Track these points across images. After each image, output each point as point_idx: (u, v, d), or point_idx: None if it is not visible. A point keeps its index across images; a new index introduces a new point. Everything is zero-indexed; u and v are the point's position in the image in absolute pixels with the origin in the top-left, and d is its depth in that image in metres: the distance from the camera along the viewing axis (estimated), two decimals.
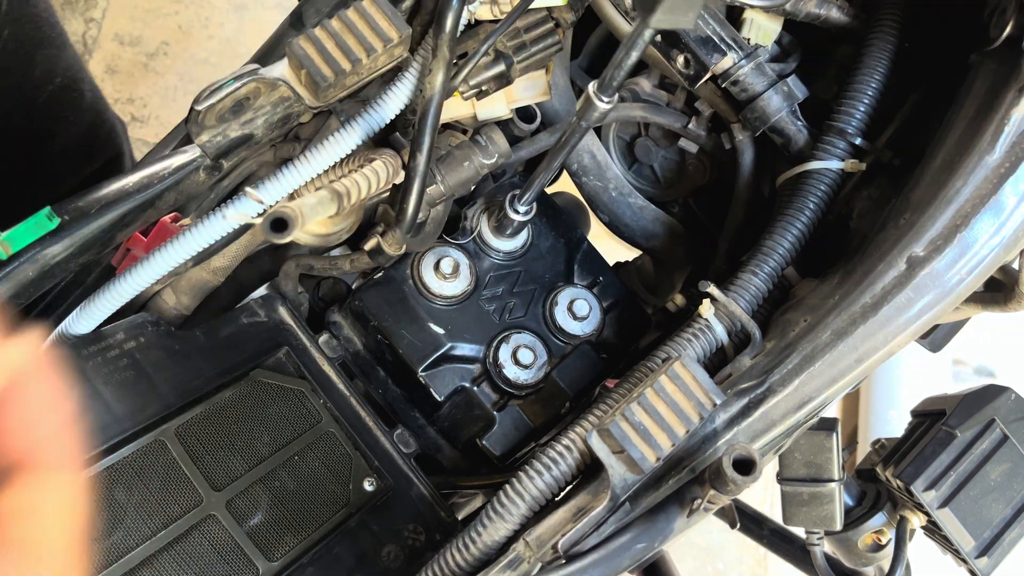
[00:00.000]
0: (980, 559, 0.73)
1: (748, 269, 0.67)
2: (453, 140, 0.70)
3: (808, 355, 0.60)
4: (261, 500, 0.59)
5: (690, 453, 0.59)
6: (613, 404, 0.60)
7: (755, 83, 0.72)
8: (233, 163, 0.63)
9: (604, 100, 0.55)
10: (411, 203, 0.62)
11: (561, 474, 0.57)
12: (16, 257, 0.54)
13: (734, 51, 0.72)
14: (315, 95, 0.59)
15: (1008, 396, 0.76)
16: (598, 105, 0.55)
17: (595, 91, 0.55)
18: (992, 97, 0.62)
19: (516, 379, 0.70)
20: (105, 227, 0.57)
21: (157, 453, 0.57)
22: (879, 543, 0.81)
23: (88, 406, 0.55)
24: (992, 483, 0.73)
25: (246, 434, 0.61)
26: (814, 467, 0.76)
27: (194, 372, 0.60)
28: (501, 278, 0.74)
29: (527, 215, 0.70)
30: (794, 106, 0.74)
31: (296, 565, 0.58)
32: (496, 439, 0.68)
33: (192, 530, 0.56)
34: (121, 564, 0.53)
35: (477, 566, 0.56)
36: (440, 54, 0.60)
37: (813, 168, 0.71)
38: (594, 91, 0.55)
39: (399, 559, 0.62)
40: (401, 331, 0.68)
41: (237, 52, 2.11)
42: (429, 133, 0.60)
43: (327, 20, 0.59)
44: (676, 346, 0.63)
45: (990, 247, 0.60)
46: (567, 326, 0.73)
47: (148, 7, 2.15)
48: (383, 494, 0.64)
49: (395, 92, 0.63)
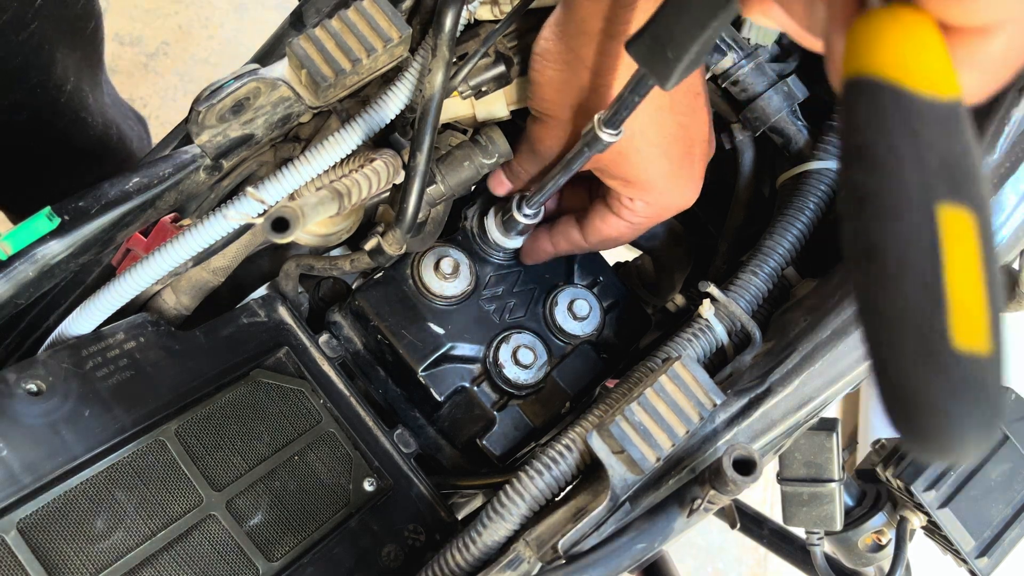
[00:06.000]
0: (980, 559, 0.73)
1: (748, 269, 0.67)
2: (453, 140, 0.70)
3: (808, 355, 0.60)
4: (261, 500, 0.59)
5: (690, 453, 0.59)
6: (613, 404, 0.60)
7: (755, 83, 0.72)
8: (233, 163, 0.63)
9: (610, 133, 0.56)
10: (411, 203, 0.62)
11: (561, 474, 0.57)
12: (16, 257, 0.54)
13: (734, 51, 0.72)
14: (315, 95, 0.59)
15: (1008, 396, 0.76)
16: (604, 139, 0.57)
17: (601, 124, 0.56)
18: (992, 97, 0.62)
19: (516, 379, 0.70)
20: (105, 227, 0.57)
21: (157, 453, 0.57)
22: (879, 543, 0.81)
23: (88, 406, 0.55)
24: (992, 483, 0.73)
25: (246, 434, 0.61)
26: (814, 467, 0.76)
27: (194, 372, 0.60)
28: (501, 278, 0.74)
29: (535, 218, 0.71)
30: (794, 106, 0.74)
31: (296, 565, 0.58)
32: (496, 439, 0.68)
33: (192, 530, 0.56)
34: (121, 564, 0.53)
35: (477, 566, 0.56)
36: (440, 54, 0.60)
37: (813, 168, 0.71)
38: (600, 124, 0.56)
39: (399, 559, 0.62)
40: (401, 331, 0.68)
41: (237, 52, 2.11)
42: (429, 133, 0.60)
43: (327, 20, 0.59)
44: (676, 346, 0.63)
45: None
46: (567, 326, 0.73)
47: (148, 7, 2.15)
48: (383, 494, 0.64)
49: (395, 92, 0.63)
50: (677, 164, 0.62)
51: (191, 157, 0.60)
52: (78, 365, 0.56)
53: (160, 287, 0.66)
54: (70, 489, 0.53)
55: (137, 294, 0.61)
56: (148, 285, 0.60)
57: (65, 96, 1.01)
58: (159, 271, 0.60)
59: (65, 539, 0.52)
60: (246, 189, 0.59)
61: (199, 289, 0.66)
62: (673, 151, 0.62)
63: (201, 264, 0.64)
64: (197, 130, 0.59)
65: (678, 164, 0.62)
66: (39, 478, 0.52)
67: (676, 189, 0.64)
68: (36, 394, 0.53)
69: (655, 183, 0.63)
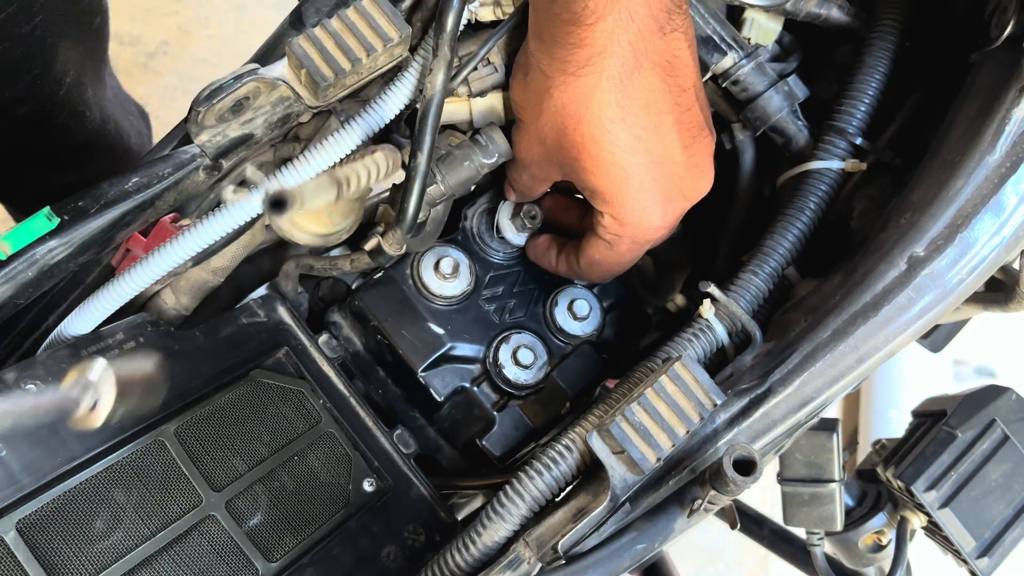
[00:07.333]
0: (981, 559, 0.73)
1: (748, 269, 0.67)
2: (453, 140, 0.70)
3: (809, 355, 0.60)
4: (261, 500, 0.59)
5: (690, 453, 0.59)
6: (613, 404, 0.60)
7: (756, 83, 0.72)
8: (233, 163, 0.63)
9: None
10: (411, 203, 0.62)
11: (561, 474, 0.57)
12: (16, 257, 0.54)
13: (734, 51, 0.71)
14: (315, 95, 0.59)
15: (1009, 396, 0.76)
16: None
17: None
18: (993, 97, 0.62)
19: (516, 379, 0.70)
20: (105, 227, 0.57)
21: (156, 453, 0.57)
22: (880, 543, 0.81)
23: None
24: (993, 483, 0.73)
25: (245, 434, 0.61)
26: (815, 467, 0.76)
27: (193, 372, 0.60)
28: (501, 278, 0.74)
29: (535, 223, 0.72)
30: (795, 106, 0.74)
31: (296, 566, 0.58)
32: (496, 439, 0.68)
33: (191, 530, 0.56)
34: (120, 564, 0.53)
35: (477, 567, 0.56)
36: (441, 54, 0.60)
37: (814, 168, 0.71)
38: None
39: (399, 560, 0.62)
40: (401, 331, 0.68)
41: (237, 52, 2.11)
42: (430, 133, 0.60)
43: (327, 20, 0.59)
44: (676, 346, 0.63)
45: (991, 247, 0.60)
46: (567, 326, 0.73)
47: (148, 7, 2.15)
48: (383, 494, 0.64)
49: (395, 92, 0.63)
50: (636, 178, 0.61)
51: (190, 157, 0.60)
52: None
53: (160, 287, 0.66)
54: (69, 489, 0.53)
55: (137, 294, 0.61)
56: (148, 285, 0.60)
57: (64, 89, 1.01)
58: (159, 271, 0.60)
59: (64, 539, 0.52)
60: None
61: (199, 289, 0.66)
62: (626, 163, 0.60)
63: (201, 264, 0.64)
64: (196, 130, 0.59)
65: (636, 178, 0.61)
66: (38, 478, 0.52)
67: (638, 205, 0.62)
68: (36, 394, 0.53)
69: (615, 195, 0.62)
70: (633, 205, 0.62)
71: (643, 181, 0.61)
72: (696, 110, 0.62)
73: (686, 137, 0.62)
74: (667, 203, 0.63)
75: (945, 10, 0.74)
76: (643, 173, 0.61)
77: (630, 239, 0.65)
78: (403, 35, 0.59)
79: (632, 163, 0.60)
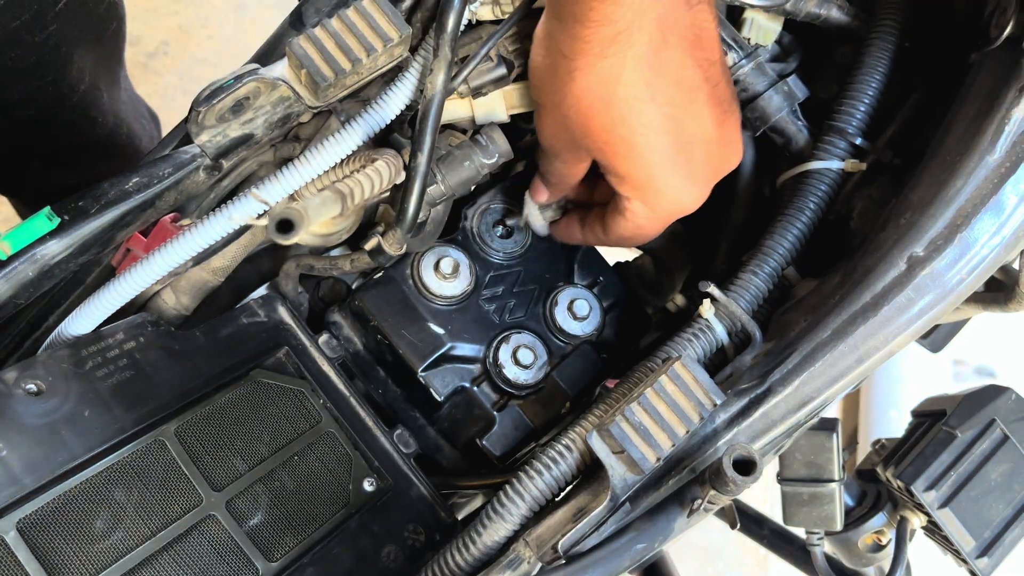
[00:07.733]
0: (980, 559, 0.73)
1: (748, 269, 0.67)
2: (453, 140, 0.70)
3: (808, 355, 0.60)
4: (261, 500, 0.59)
5: (690, 453, 0.59)
6: (613, 404, 0.60)
7: (755, 83, 0.72)
8: (233, 163, 0.63)
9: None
10: (412, 203, 0.62)
11: (561, 474, 0.57)
12: (16, 257, 0.54)
13: (734, 51, 0.72)
14: (315, 95, 0.59)
15: (1008, 396, 0.76)
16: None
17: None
18: (992, 97, 0.62)
19: (516, 379, 0.70)
20: (105, 227, 0.57)
21: (156, 453, 0.57)
22: (879, 543, 0.81)
23: (87, 406, 0.55)
24: (992, 483, 0.73)
25: (246, 434, 0.61)
26: (814, 467, 0.76)
27: (194, 372, 0.60)
28: (501, 278, 0.74)
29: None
30: (795, 106, 0.74)
31: (296, 565, 0.58)
32: (496, 439, 0.68)
33: (192, 530, 0.56)
34: (121, 564, 0.53)
35: (477, 566, 0.56)
36: (441, 54, 0.60)
37: (813, 168, 0.71)
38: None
39: (399, 559, 0.62)
40: (401, 331, 0.68)
41: (237, 52, 2.11)
42: (430, 133, 0.60)
43: (327, 20, 0.59)
44: (676, 346, 0.63)
45: (991, 247, 0.60)
46: (567, 326, 0.73)
47: (148, 7, 2.15)
48: (383, 494, 0.64)
49: (395, 92, 0.63)
50: (669, 160, 0.59)
51: (191, 157, 0.60)
52: (78, 365, 0.56)
53: (160, 287, 0.66)
54: (70, 489, 0.53)
55: (137, 294, 0.61)
56: (148, 285, 0.60)
57: (78, 95, 1.01)
58: (159, 271, 0.60)
59: (65, 539, 0.52)
60: (249, 190, 0.59)
61: (199, 289, 0.66)
62: (659, 144, 0.59)
63: (201, 264, 0.64)
64: (197, 130, 0.59)
65: (670, 160, 0.59)
66: (39, 478, 0.52)
67: (672, 188, 0.61)
68: (36, 394, 0.53)
69: (646, 181, 0.61)
70: (666, 188, 0.61)
71: (677, 162, 0.60)
72: (724, 84, 0.61)
73: (718, 112, 0.60)
74: (702, 182, 0.63)
75: (945, 10, 0.74)
76: (677, 154, 0.59)
77: (662, 220, 0.64)
78: (403, 35, 0.59)
79: (664, 144, 0.59)
